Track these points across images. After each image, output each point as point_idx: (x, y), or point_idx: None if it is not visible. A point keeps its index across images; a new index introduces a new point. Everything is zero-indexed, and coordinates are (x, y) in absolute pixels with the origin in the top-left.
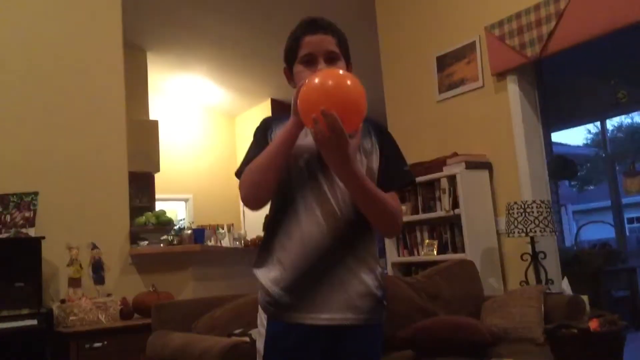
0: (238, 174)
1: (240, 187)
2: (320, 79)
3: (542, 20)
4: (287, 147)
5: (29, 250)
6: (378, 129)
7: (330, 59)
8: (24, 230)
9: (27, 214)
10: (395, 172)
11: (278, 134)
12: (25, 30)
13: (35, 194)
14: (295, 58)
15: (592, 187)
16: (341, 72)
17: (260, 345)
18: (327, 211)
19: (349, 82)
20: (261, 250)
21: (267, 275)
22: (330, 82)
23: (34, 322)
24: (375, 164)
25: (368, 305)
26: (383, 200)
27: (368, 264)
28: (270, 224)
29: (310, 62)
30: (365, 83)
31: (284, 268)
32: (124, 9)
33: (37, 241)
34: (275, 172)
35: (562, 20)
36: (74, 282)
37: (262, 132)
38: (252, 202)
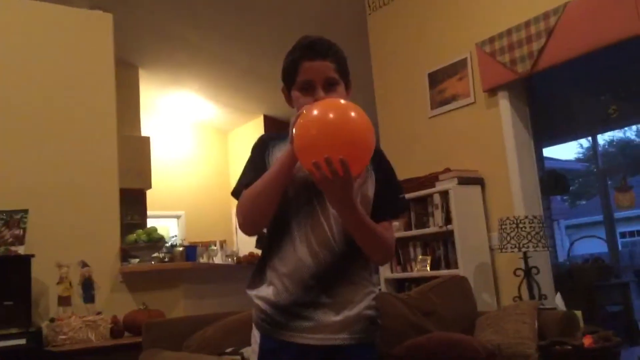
0: (235, 193)
1: (238, 213)
2: (320, 112)
3: (532, 36)
4: (285, 176)
5: (18, 269)
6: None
7: (329, 85)
8: (13, 248)
9: (16, 232)
10: (390, 201)
11: (276, 159)
12: (15, 47)
13: (25, 211)
14: (292, 82)
15: (584, 202)
16: (343, 102)
17: None
18: (321, 238)
19: (353, 115)
20: (255, 272)
21: (261, 296)
22: (331, 117)
23: (23, 341)
24: (370, 191)
25: (362, 326)
26: (378, 234)
27: (362, 287)
28: (266, 247)
29: (308, 89)
30: (357, 100)
31: (278, 291)
32: (116, 26)
33: (26, 259)
34: (273, 200)
35: (552, 37)
36: (64, 301)
37: (260, 153)
38: (250, 229)
